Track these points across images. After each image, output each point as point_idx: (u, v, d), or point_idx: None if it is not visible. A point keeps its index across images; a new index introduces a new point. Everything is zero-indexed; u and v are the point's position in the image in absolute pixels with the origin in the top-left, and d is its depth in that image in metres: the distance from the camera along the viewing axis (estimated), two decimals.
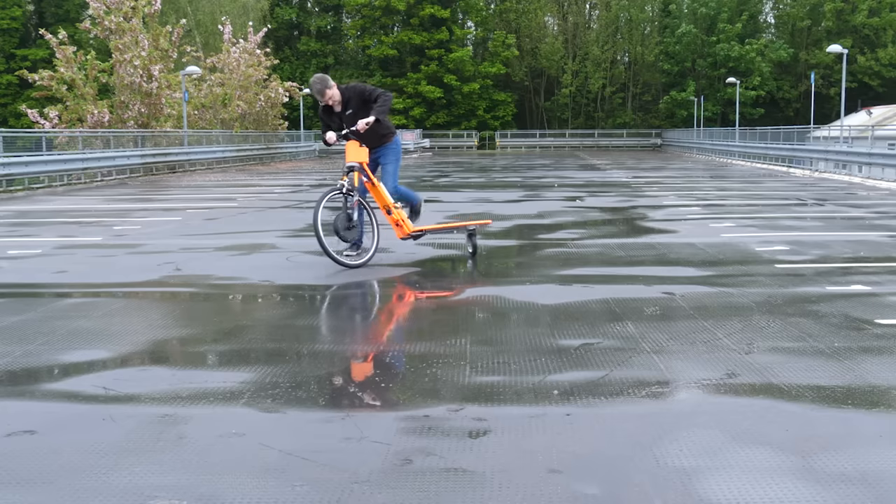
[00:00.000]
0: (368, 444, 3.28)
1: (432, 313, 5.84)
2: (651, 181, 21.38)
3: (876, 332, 5.03)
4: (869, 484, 2.91)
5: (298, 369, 4.38)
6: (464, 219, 11.53)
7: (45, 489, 2.92)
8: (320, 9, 65.99)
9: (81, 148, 23.06)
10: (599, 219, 12.20)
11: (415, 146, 51.75)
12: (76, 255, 8.67)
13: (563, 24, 67.28)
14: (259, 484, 2.94)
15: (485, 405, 3.74)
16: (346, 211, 7.50)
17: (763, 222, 11.31)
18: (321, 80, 7.77)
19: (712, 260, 7.94)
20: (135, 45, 29.56)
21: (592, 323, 5.34)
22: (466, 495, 2.84)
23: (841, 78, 30.60)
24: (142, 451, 3.24)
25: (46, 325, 5.37)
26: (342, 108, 7.79)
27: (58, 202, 15.99)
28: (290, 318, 5.78)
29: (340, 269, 7.46)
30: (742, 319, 5.39)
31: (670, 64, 61.66)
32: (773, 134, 32.93)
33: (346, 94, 7.81)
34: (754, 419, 3.55)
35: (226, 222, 11.92)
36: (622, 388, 3.98)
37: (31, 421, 3.61)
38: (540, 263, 7.89)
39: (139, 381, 4.16)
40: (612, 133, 63.85)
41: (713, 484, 2.91)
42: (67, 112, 29.30)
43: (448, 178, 23.94)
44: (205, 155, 30.83)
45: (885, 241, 9.42)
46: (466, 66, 60.51)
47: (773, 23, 65.60)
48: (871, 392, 3.93)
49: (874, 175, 20.93)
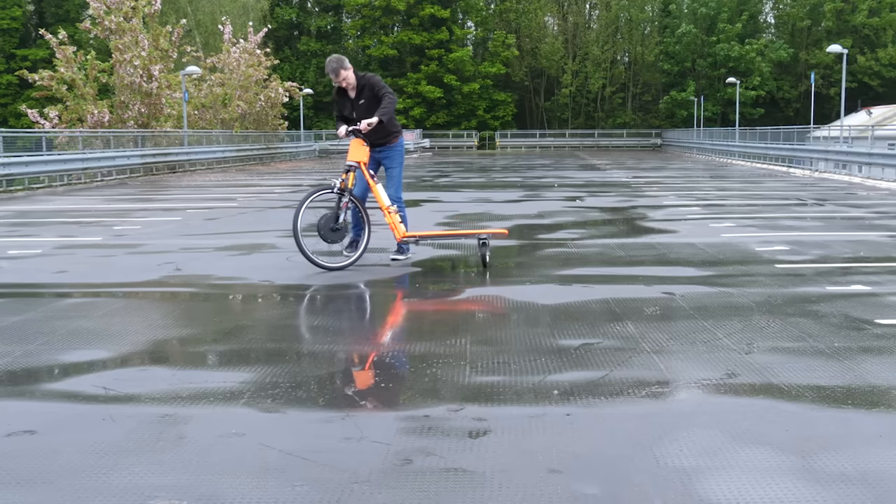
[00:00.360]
0: (368, 444, 3.28)
1: (432, 313, 5.84)
2: (651, 181, 21.38)
3: (876, 332, 5.03)
4: (869, 484, 2.91)
5: (298, 369, 4.38)
6: (466, 220, 11.52)
7: (45, 489, 2.92)
8: (320, 9, 66.00)
9: (81, 148, 23.06)
10: (599, 219, 12.20)
11: (415, 146, 51.70)
12: (76, 255, 8.67)
13: (563, 24, 67.30)
14: (259, 484, 2.94)
15: (485, 405, 3.74)
16: (336, 211, 7.33)
17: (763, 222, 11.31)
18: (337, 60, 7.66)
19: (712, 260, 7.94)
20: (135, 45, 29.56)
21: (592, 323, 5.34)
22: (466, 495, 2.84)
23: (841, 78, 30.60)
24: (142, 451, 3.24)
25: (46, 325, 5.37)
26: (356, 95, 7.69)
27: (58, 202, 15.99)
28: (290, 318, 5.78)
29: (341, 270, 7.46)
30: (742, 319, 5.39)
31: (670, 64, 61.67)
32: (773, 134, 32.93)
33: (361, 81, 7.69)
34: (754, 419, 3.55)
35: (226, 222, 11.92)
36: (622, 388, 3.98)
37: (31, 421, 3.61)
38: (540, 263, 7.89)
39: (139, 381, 4.16)
40: (612, 133, 63.85)
41: (713, 484, 2.91)
42: (67, 112, 29.30)
43: (448, 178, 23.94)
44: (205, 155, 30.83)
45: (885, 241, 9.42)
46: (466, 66, 60.52)
47: (773, 23, 65.62)
48: (871, 392, 3.93)
49: (874, 175, 20.93)
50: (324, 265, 7.27)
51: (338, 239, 7.42)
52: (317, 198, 7.41)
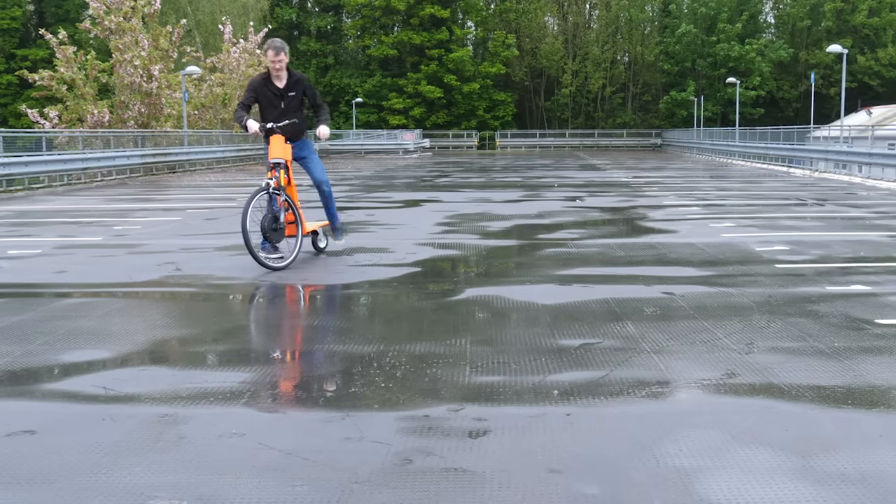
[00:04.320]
0: (368, 444, 3.28)
1: (432, 313, 5.84)
2: (651, 181, 21.38)
3: (876, 332, 5.03)
4: (869, 484, 2.91)
5: (298, 369, 4.38)
6: (466, 220, 11.54)
7: (45, 489, 2.92)
8: (320, 9, 65.99)
9: (81, 148, 23.06)
10: (599, 219, 12.20)
11: (415, 146, 51.73)
12: (76, 255, 8.67)
13: (563, 24, 67.30)
14: (259, 484, 2.94)
15: (485, 405, 3.74)
16: (273, 212, 7.35)
17: (763, 222, 11.31)
18: (285, 45, 7.60)
19: (712, 260, 7.94)
20: (135, 45, 29.58)
21: (592, 323, 5.34)
22: (466, 495, 2.84)
23: (841, 78, 30.60)
24: (142, 451, 3.24)
25: (46, 325, 5.37)
26: (285, 87, 7.60)
27: (58, 202, 15.99)
28: (290, 318, 5.78)
29: (340, 270, 7.48)
30: (742, 319, 5.39)
31: (670, 64, 61.66)
32: (773, 134, 32.93)
33: (294, 76, 7.65)
34: (754, 419, 3.55)
35: (226, 222, 11.91)
36: (622, 388, 3.98)
37: (31, 421, 3.61)
38: (540, 263, 7.89)
39: (139, 381, 4.16)
40: (612, 133, 63.85)
41: (713, 484, 2.91)
42: (67, 112, 29.32)
43: (448, 178, 23.94)
44: (205, 155, 30.83)
45: (885, 241, 9.42)
46: (466, 66, 60.52)
47: (773, 23, 65.60)
48: (871, 392, 3.93)
49: (874, 175, 20.94)
50: (272, 266, 7.31)
51: (279, 238, 7.50)
52: (260, 199, 7.40)
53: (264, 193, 7.40)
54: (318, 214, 9.37)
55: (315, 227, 8.27)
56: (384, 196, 16.99)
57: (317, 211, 9.38)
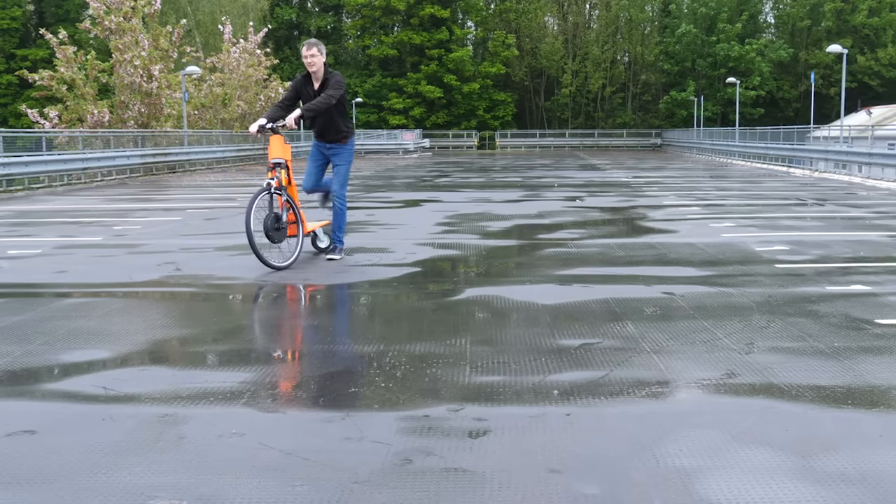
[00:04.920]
0: (368, 444, 3.28)
1: (432, 313, 5.84)
2: (651, 181, 21.38)
3: (876, 332, 5.03)
4: (869, 484, 2.91)
5: (298, 369, 4.38)
6: (466, 220, 11.55)
7: (45, 489, 2.92)
8: (320, 9, 66.02)
9: (81, 148, 23.06)
10: (599, 219, 12.20)
11: (415, 146, 51.77)
12: (76, 255, 8.67)
13: (563, 24, 67.31)
14: (259, 484, 2.94)
15: (485, 405, 3.74)
16: (274, 211, 7.37)
17: (763, 222, 11.31)
18: (318, 42, 7.60)
19: (712, 260, 7.94)
20: (135, 45, 29.57)
21: (592, 323, 5.34)
22: (466, 495, 2.84)
23: (841, 78, 30.60)
24: (142, 451, 3.24)
25: (46, 325, 5.37)
26: (318, 89, 7.61)
27: (58, 202, 15.99)
28: (289, 318, 5.78)
29: (340, 270, 7.47)
30: (742, 319, 5.39)
31: (670, 64, 61.68)
32: (773, 134, 32.94)
33: (328, 74, 7.64)
34: (754, 419, 3.55)
35: (226, 222, 11.91)
36: (622, 388, 3.98)
37: (31, 421, 3.61)
38: (540, 263, 7.89)
39: (139, 381, 4.16)
40: (612, 133, 63.87)
41: (713, 484, 2.91)
42: (67, 112, 29.31)
43: (448, 177, 23.94)
44: (205, 155, 30.83)
45: (885, 241, 9.42)
46: (466, 66, 60.53)
47: (773, 23, 65.62)
48: (871, 392, 3.93)
49: (874, 175, 20.94)
50: (274, 265, 7.33)
51: (282, 238, 7.51)
52: (262, 199, 7.42)
53: (266, 194, 7.40)
54: (319, 214, 9.38)
55: (315, 226, 8.27)
56: (384, 196, 16.99)
57: (317, 211, 9.39)
